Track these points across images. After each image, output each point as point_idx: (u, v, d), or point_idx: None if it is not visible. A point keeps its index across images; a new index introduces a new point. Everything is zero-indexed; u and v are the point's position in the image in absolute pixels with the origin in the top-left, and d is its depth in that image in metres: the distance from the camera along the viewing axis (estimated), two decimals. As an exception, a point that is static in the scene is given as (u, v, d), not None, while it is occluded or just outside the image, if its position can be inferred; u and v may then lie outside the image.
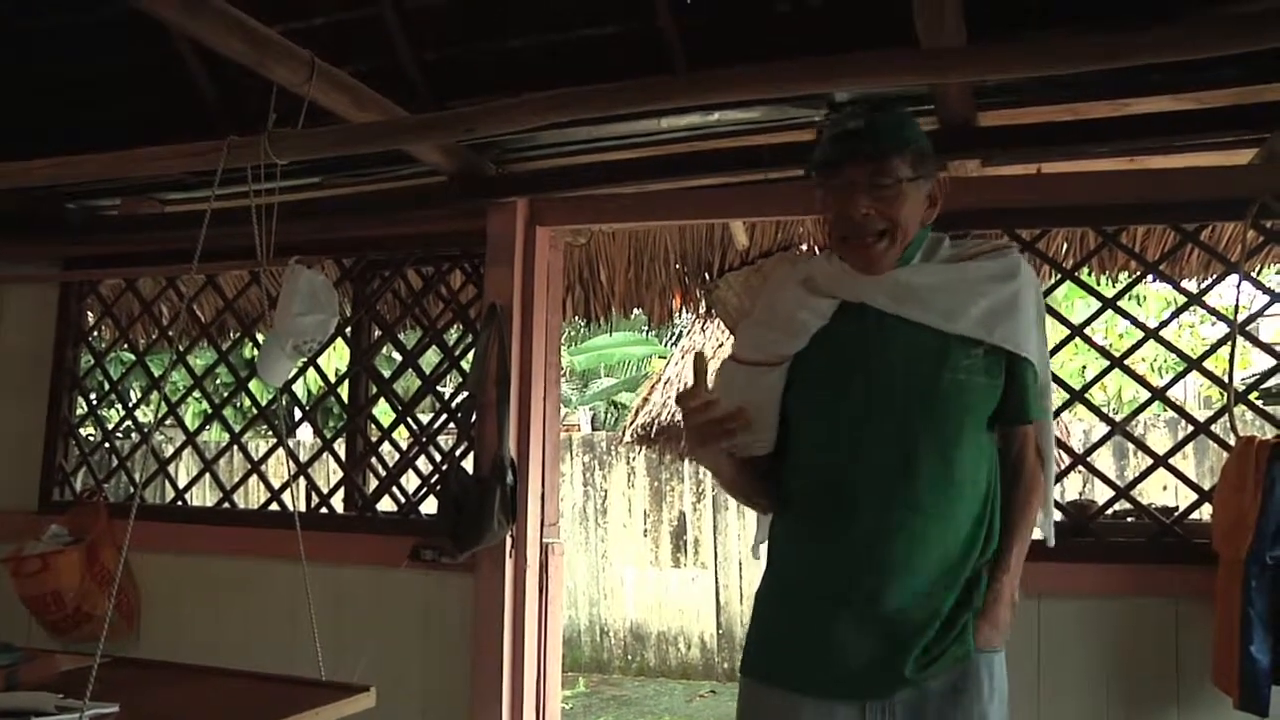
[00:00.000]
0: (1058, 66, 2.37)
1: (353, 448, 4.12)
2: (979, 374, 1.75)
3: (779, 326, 1.85)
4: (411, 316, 4.03)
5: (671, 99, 2.63)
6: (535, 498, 3.47)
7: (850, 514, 1.74)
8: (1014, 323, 1.76)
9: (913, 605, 1.70)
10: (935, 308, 1.75)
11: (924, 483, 1.71)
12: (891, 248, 1.76)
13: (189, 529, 3.83)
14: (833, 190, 1.76)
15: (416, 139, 3.00)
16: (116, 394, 4.32)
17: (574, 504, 8.79)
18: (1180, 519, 2.96)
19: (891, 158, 1.73)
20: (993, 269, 1.80)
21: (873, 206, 1.73)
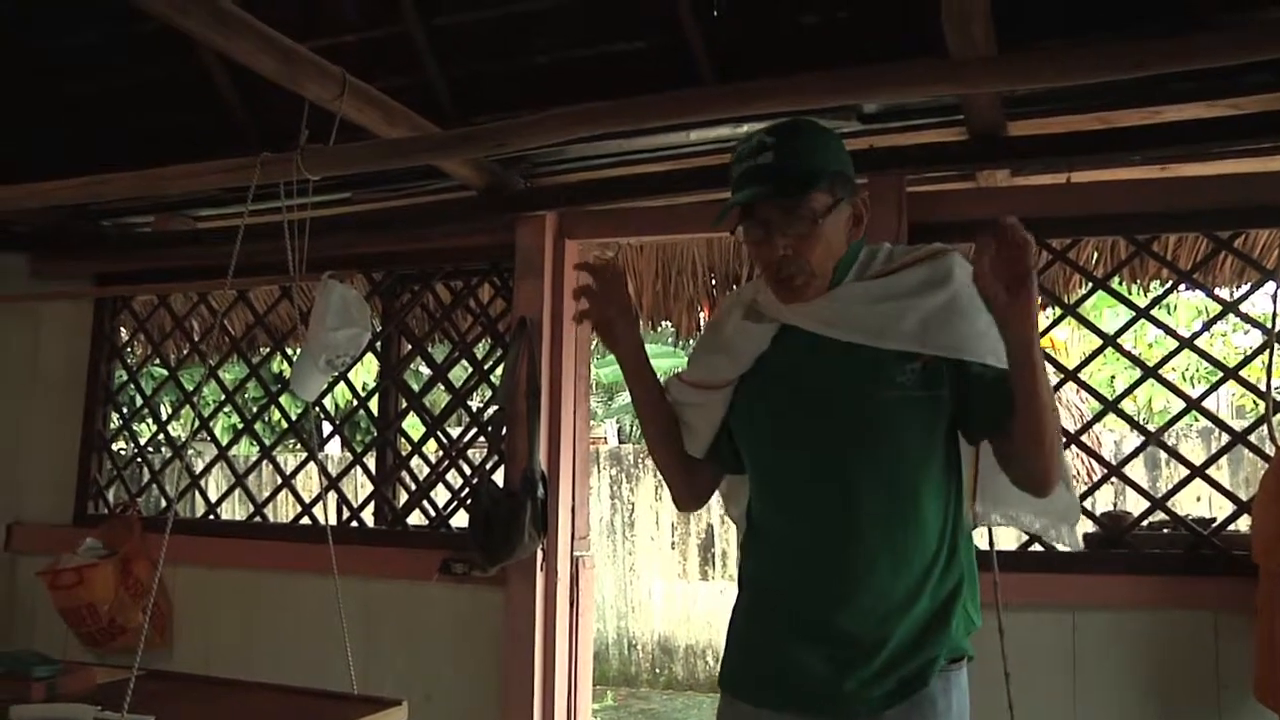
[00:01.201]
0: (1087, 75, 2.37)
1: (383, 461, 4.13)
2: (916, 388, 1.68)
3: (721, 350, 1.85)
4: (441, 330, 4.05)
5: (700, 112, 2.64)
6: (566, 511, 3.47)
7: (800, 538, 1.74)
8: (951, 328, 1.67)
9: (863, 630, 1.68)
10: (864, 325, 1.69)
11: (865, 509, 1.68)
12: (813, 282, 1.71)
13: (221, 543, 3.86)
14: (749, 231, 1.71)
15: (447, 154, 3.02)
16: (149, 409, 4.37)
17: (601, 517, 8.78)
18: (1218, 530, 2.92)
19: (806, 193, 1.66)
20: (921, 276, 1.71)
21: (791, 245, 1.67)
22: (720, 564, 8.37)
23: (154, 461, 4.18)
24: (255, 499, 3.97)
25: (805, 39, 2.95)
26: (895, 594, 1.69)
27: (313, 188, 2.80)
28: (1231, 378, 3.00)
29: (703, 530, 8.50)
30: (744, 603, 1.87)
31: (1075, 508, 1.89)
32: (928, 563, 1.71)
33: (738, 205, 1.69)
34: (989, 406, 1.68)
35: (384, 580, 3.54)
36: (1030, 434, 1.63)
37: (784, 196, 1.66)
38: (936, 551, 1.72)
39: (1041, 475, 1.68)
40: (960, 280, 1.68)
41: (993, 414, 1.67)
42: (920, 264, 1.74)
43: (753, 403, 1.81)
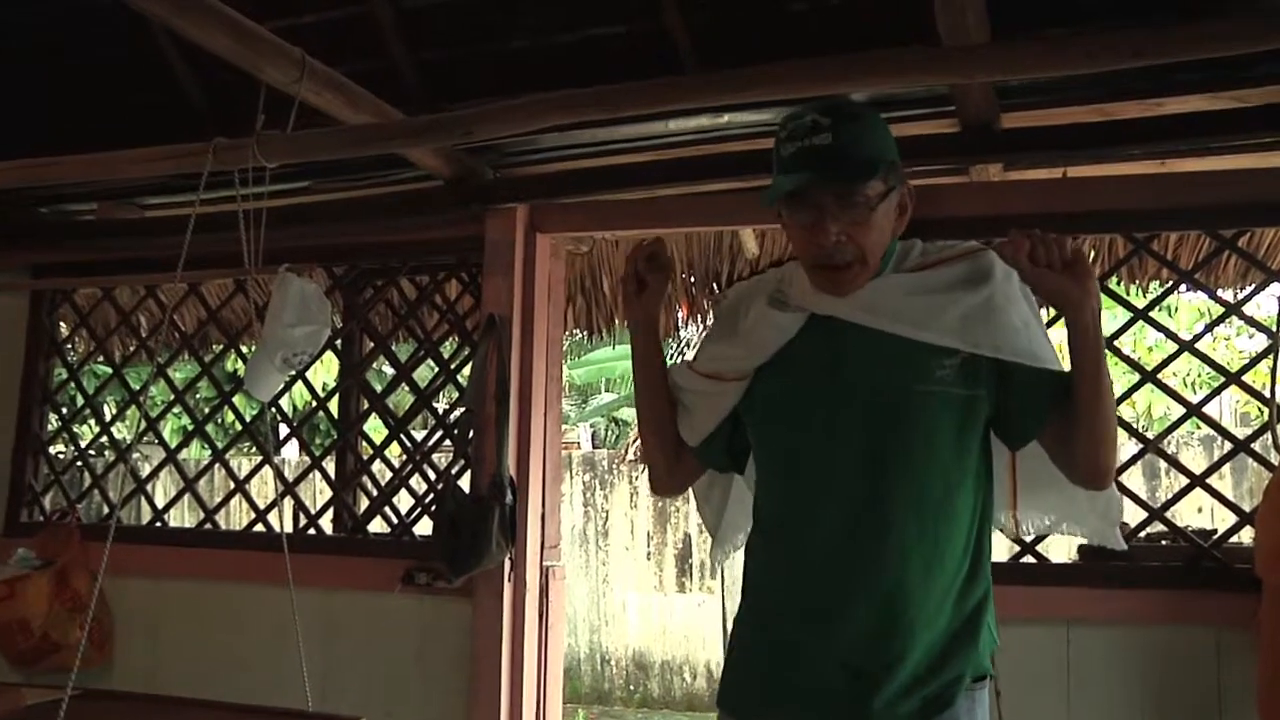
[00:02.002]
0: (1084, 65, 2.38)
1: (343, 466, 4.13)
2: (953, 385, 1.71)
3: (740, 341, 1.86)
4: (405, 328, 4.05)
5: (680, 100, 2.64)
6: (535, 518, 3.48)
7: (822, 538, 1.73)
8: (992, 326, 1.70)
9: (888, 641, 1.68)
10: (905, 317, 1.72)
11: (896, 508, 1.70)
12: (863, 271, 1.74)
13: (168, 552, 3.83)
14: (797, 215, 1.73)
15: (412, 142, 3.02)
16: (91, 409, 4.34)
17: (573, 526, 8.79)
18: (1219, 542, 2.95)
19: (866, 181, 1.70)
20: (963, 271, 1.76)
21: (843, 231, 1.70)
22: (698, 575, 8.39)
23: (96, 466, 4.15)
24: (206, 505, 3.95)
25: (791, 26, 2.97)
26: (924, 601, 1.69)
27: (269, 176, 2.79)
28: (1234, 383, 3.04)
29: (680, 540, 8.52)
30: (750, 611, 1.86)
31: (1118, 504, 1.92)
32: (955, 571, 1.72)
33: (794, 191, 1.70)
34: (1033, 405, 1.73)
35: (343, 591, 3.54)
36: (1093, 419, 1.68)
37: (844, 184, 1.68)
38: (963, 559, 1.74)
39: (1106, 464, 1.73)
40: (1000, 278, 1.73)
41: (1038, 413, 1.73)
42: (958, 260, 1.79)
43: (775, 393, 1.82)
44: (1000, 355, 1.71)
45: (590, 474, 8.94)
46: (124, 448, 4.07)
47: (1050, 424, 1.74)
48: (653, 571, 8.61)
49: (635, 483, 8.74)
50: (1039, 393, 1.73)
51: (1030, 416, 1.75)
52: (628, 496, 8.77)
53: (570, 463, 8.96)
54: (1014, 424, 1.78)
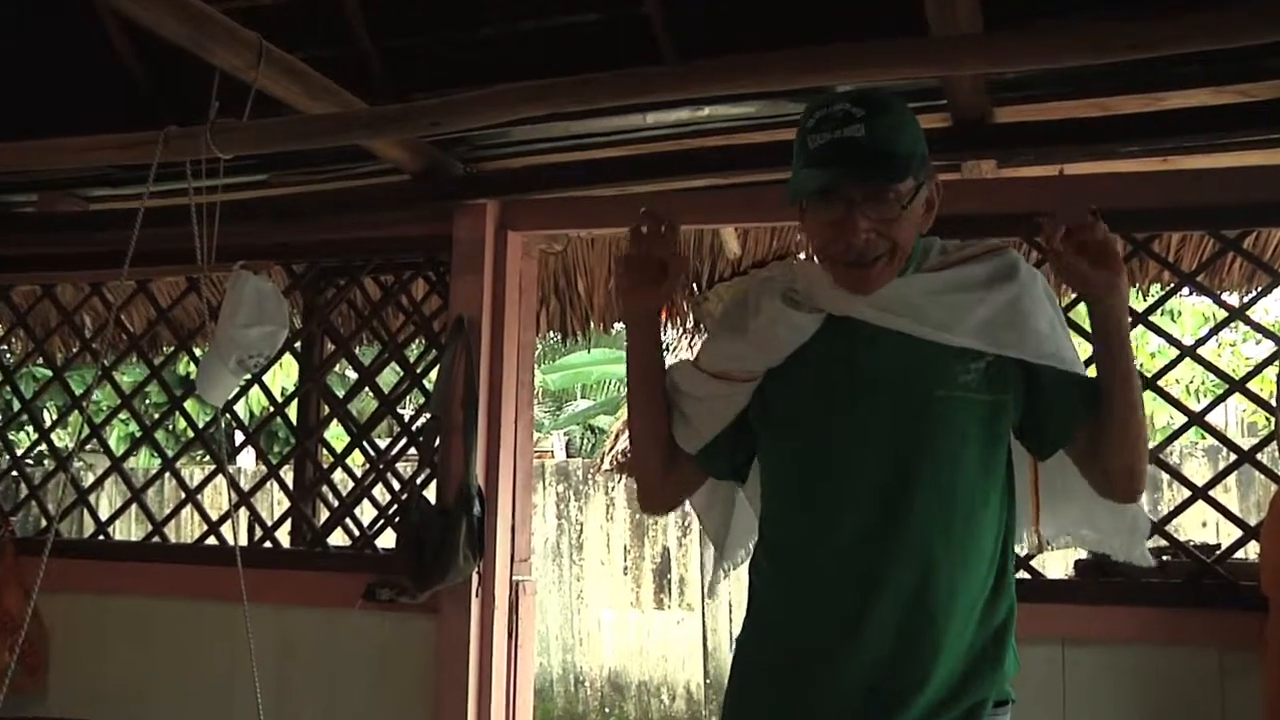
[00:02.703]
0: (1081, 56, 2.40)
1: (301, 475, 4.12)
2: (978, 390, 1.71)
3: (752, 340, 1.84)
4: (369, 329, 4.05)
5: (658, 92, 2.66)
6: (505, 531, 3.48)
7: (840, 550, 1.72)
8: (1019, 328, 1.71)
9: (911, 660, 1.67)
10: (928, 318, 1.72)
11: (920, 515, 1.69)
12: (890, 266, 1.74)
13: (112, 567, 3.80)
14: (823, 210, 1.72)
15: (376, 133, 3.01)
16: (29, 414, 4.31)
17: (546, 539, 8.78)
18: (1223, 558, 2.97)
19: (901, 178, 1.70)
20: (987, 271, 1.76)
21: (874, 228, 1.69)
22: (677, 592, 8.40)
23: (34, 476, 4.12)
24: (154, 517, 3.93)
25: (775, 15, 2.97)
26: (949, 620, 1.68)
27: (224, 167, 2.78)
28: (1238, 390, 3.06)
29: (658, 554, 8.53)
30: (757, 631, 1.84)
31: (1145, 518, 1.93)
32: (980, 587, 1.72)
33: (824, 176, 1.69)
34: (1064, 410, 1.74)
35: (301, 608, 3.53)
36: (1126, 418, 1.70)
37: (881, 182, 1.68)
38: (988, 575, 1.73)
39: (1137, 472, 1.76)
40: (1025, 278, 1.75)
41: (1069, 418, 1.74)
42: (980, 259, 1.79)
43: (788, 398, 1.80)
44: (1027, 357, 1.72)
45: (564, 484, 8.93)
46: (65, 456, 4.05)
47: (1080, 430, 1.75)
48: (630, 587, 8.61)
49: (611, 494, 8.74)
50: (1068, 396, 1.74)
51: (1061, 422, 1.76)
52: (603, 508, 8.77)
53: (543, 472, 8.96)
54: (1044, 430, 1.78)
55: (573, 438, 16.11)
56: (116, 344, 4.60)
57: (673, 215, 1.84)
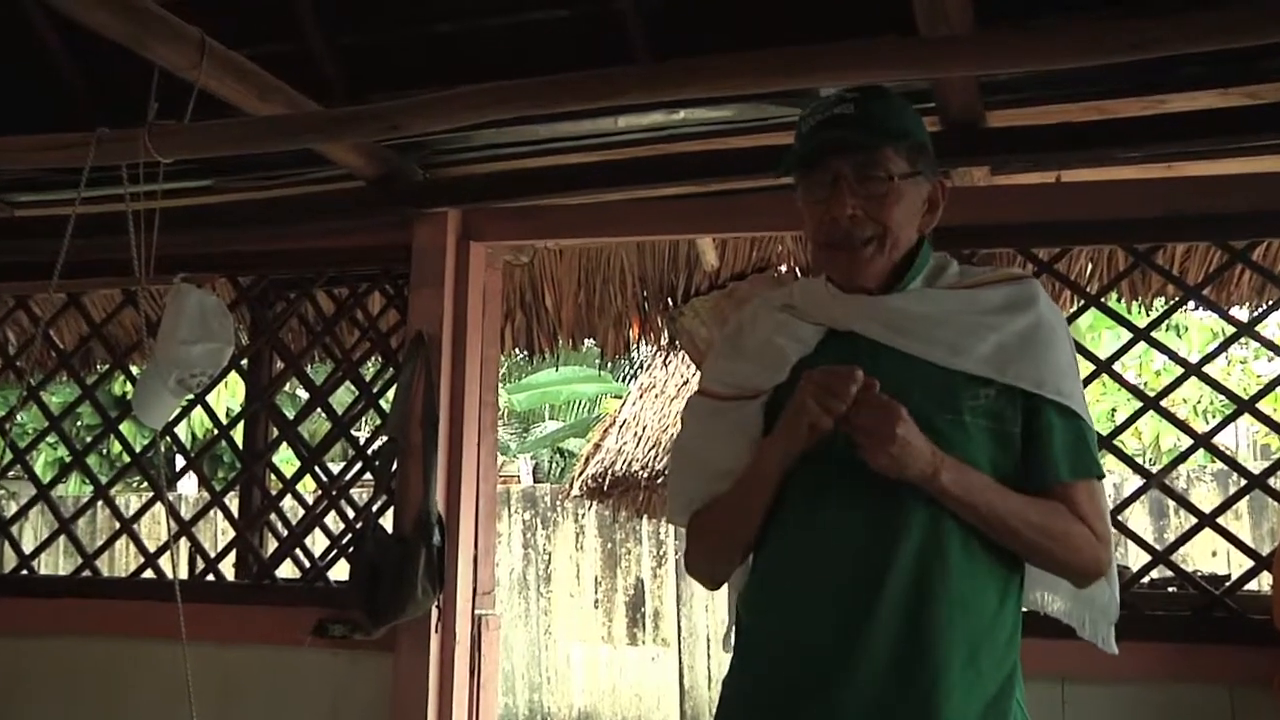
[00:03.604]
0: (1078, 57, 2.42)
1: (247, 502, 4.10)
2: (985, 417, 1.73)
3: (752, 355, 1.86)
4: (322, 346, 4.03)
5: (631, 93, 2.66)
6: (466, 561, 3.47)
7: (827, 597, 1.72)
8: (1032, 359, 1.74)
9: (914, 711, 1.67)
10: (938, 340, 1.75)
11: (925, 554, 1.70)
12: (880, 254, 1.77)
13: (36, 604, 3.76)
14: (813, 188, 1.78)
15: (329, 137, 3.01)
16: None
17: (511, 570, 8.76)
18: (1233, 590, 2.98)
19: (884, 148, 1.75)
20: (1005, 297, 1.79)
21: (861, 206, 1.74)
22: (652, 626, 8.39)
23: (-48, 505, 4.08)
24: (85, 549, 3.89)
25: (755, 13, 2.99)
26: (946, 657, 1.67)
27: (164, 172, 2.77)
28: (1247, 411, 3.08)
29: (631, 586, 8.52)
30: (745, 669, 1.84)
31: (1113, 600, 1.95)
32: (983, 628, 1.72)
33: (808, 154, 1.76)
34: (1045, 462, 1.75)
35: (246, 646, 3.50)
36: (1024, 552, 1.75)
37: (860, 147, 1.74)
38: (993, 618, 1.73)
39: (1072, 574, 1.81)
40: (1045, 310, 1.78)
41: (1043, 471, 1.75)
42: (999, 285, 1.82)
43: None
44: (1034, 390, 1.74)
45: (531, 511, 8.92)
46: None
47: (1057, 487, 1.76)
48: (601, 621, 8.59)
49: (581, 522, 8.73)
50: (1054, 444, 1.75)
51: (1044, 468, 1.76)
52: (573, 537, 8.76)
53: (508, 499, 8.95)
54: (1030, 474, 1.77)
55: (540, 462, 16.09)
56: (44, 362, 4.56)
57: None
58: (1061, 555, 1.75)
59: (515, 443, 15.79)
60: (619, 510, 8.06)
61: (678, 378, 7.29)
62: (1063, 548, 1.74)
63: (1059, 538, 1.73)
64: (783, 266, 4.22)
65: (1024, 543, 1.72)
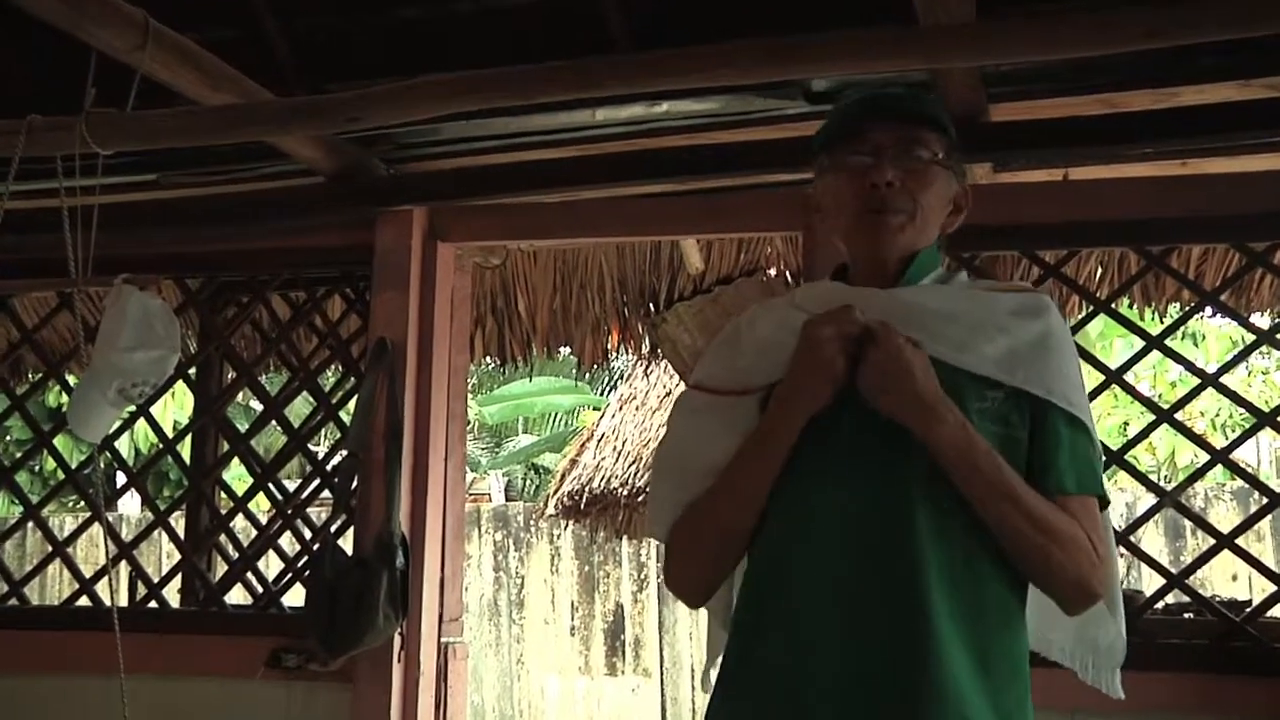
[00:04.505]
0: (1087, 46, 2.43)
1: (195, 523, 4.07)
2: (992, 421, 1.76)
3: (752, 350, 1.89)
4: (277, 354, 4.01)
5: (609, 85, 2.66)
6: (432, 585, 3.46)
7: (821, 613, 1.72)
8: (1043, 366, 1.78)
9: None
10: (946, 336, 1.78)
11: (930, 564, 1.69)
12: (909, 228, 1.84)
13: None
14: (851, 158, 1.85)
15: (285, 129, 3.00)
16: None
17: (481, 594, 8.75)
18: (1254, 616, 2.98)
19: (926, 130, 1.85)
20: (1017, 304, 1.84)
21: (901, 178, 1.82)
22: (633, 655, 8.38)
23: None
24: (10, 575, 3.85)
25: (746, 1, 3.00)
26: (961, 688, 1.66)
27: (103, 165, 2.76)
28: (1268, 425, 3.08)
29: (610, 612, 8.51)
30: (730, 697, 1.82)
31: (1118, 637, 1.95)
32: (996, 653, 1.72)
33: (850, 123, 1.86)
34: (1044, 471, 1.77)
35: (191, 678, 3.48)
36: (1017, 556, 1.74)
37: (905, 123, 1.85)
38: (1006, 640, 1.74)
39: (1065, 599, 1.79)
40: (1055, 321, 1.83)
41: (1041, 481, 1.76)
42: (1011, 293, 1.89)
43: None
44: (1044, 395, 1.77)
45: (503, 532, 8.91)
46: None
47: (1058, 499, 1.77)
48: (578, 650, 8.58)
49: (557, 543, 8.72)
50: (1059, 452, 1.78)
51: (1044, 476, 1.77)
52: (548, 560, 8.75)
53: (478, 518, 8.94)
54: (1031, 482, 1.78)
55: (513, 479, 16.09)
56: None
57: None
58: (1057, 558, 1.73)
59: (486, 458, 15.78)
60: (597, 531, 8.06)
61: (660, 389, 7.30)
62: (1060, 549, 1.72)
63: (1058, 537, 1.72)
64: (772, 270, 4.22)
65: (1018, 532, 1.71)
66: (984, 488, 1.70)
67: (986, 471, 1.70)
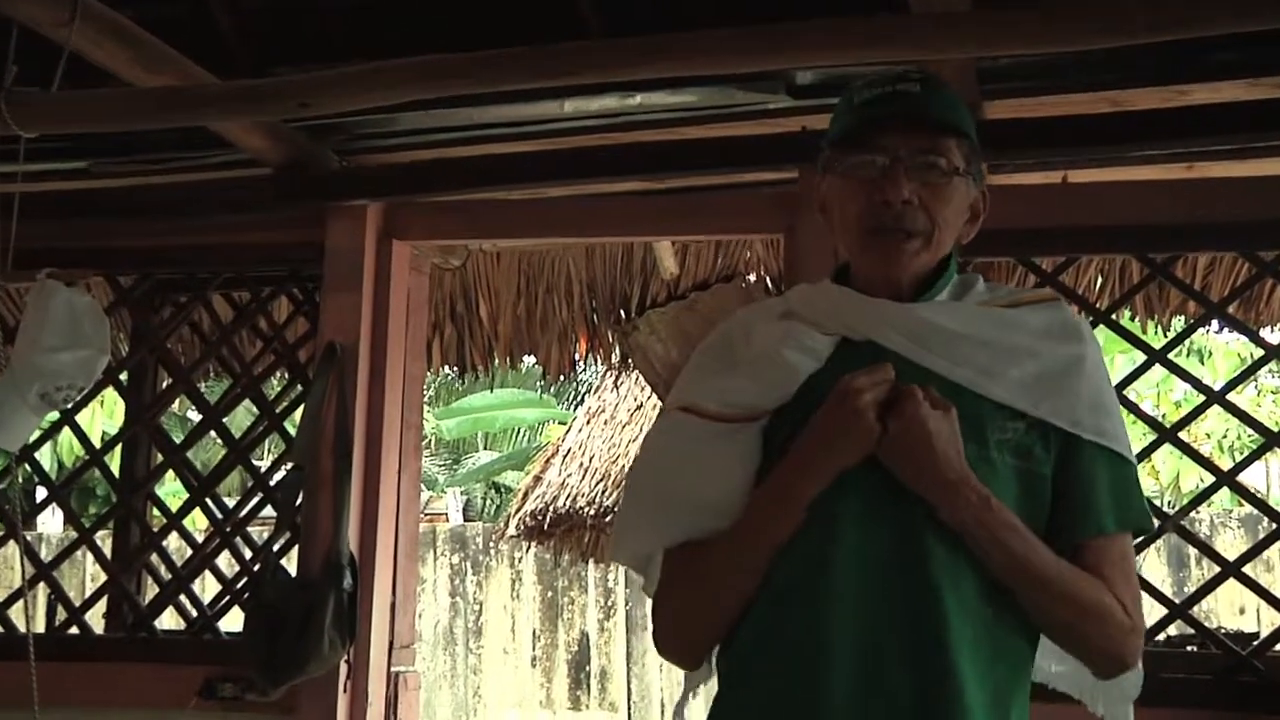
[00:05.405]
0: (1089, 39, 2.44)
1: (124, 541, 4.04)
2: (1014, 454, 1.73)
3: (751, 370, 1.83)
4: (217, 359, 4.00)
5: (579, 72, 2.66)
6: (382, 610, 3.46)
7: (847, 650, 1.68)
8: (1073, 395, 1.75)
9: None
10: (968, 360, 1.75)
11: (948, 607, 1.67)
12: (925, 252, 1.79)
13: None
14: (862, 167, 1.79)
15: (229, 114, 3.00)
16: None
17: (436, 621, 8.72)
18: (1262, 650, 2.99)
19: (949, 138, 1.78)
20: (1044, 322, 1.81)
21: (918, 193, 1.76)
22: (598, 687, 8.37)
23: None
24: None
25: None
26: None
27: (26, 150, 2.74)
28: (1277, 445, 3.11)
29: (574, 641, 8.50)
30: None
31: (1135, 678, 1.93)
32: (1016, 709, 1.71)
33: (864, 127, 1.78)
34: (1083, 509, 1.74)
35: (117, 711, 3.46)
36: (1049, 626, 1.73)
37: (926, 131, 1.77)
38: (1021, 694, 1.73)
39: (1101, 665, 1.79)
40: (1089, 340, 1.81)
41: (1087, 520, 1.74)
42: (1036, 307, 1.84)
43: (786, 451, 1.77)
44: (1075, 429, 1.74)
45: (460, 554, 8.90)
46: None
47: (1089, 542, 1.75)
48: (539, 682, 8.57)
49: (518, 566, 8.71)
50: (1095, 492, 1.75)
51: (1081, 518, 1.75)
52: (508, 584, 8.73)
53: (434, 539, 8.92)
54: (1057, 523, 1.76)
55: (472, 497, 16.09)
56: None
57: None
58: (1089, 634, 1.74)
59: (443, 475, 15.76)
60: (561, 553, 8.05)
61: (631, 401, 7.29)
62: (1091, 624, 1.73)
63: (1090, 612, 1.72)
64: (751, 275, 4.23)
65: (1048, 610, 1.71)
66: (1011, 567, 1.68)
67: (1014, 549, 1.67)
